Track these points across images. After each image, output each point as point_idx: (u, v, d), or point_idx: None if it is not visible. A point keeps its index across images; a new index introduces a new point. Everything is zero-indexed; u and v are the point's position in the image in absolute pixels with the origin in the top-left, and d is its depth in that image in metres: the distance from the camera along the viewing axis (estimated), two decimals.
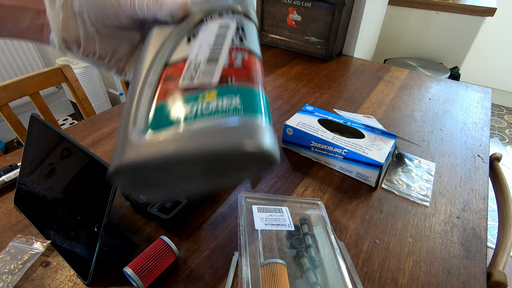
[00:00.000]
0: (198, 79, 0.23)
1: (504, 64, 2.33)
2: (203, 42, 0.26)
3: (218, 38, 0.26)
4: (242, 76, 0.23)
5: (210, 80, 0.22)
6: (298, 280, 0.38)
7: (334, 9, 0.95)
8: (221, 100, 0.21)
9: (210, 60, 0.24)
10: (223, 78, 0.23)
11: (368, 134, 0.57)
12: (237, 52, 0.25)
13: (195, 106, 0.21)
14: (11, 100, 0.76)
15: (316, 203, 0.49)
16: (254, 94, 0.23)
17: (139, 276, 0.35)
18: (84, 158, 0.39)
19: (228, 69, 0.23)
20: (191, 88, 0.22)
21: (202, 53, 0.25)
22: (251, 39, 0.27)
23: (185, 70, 0.24)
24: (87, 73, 1.77)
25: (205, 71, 0.23)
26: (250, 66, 0.25)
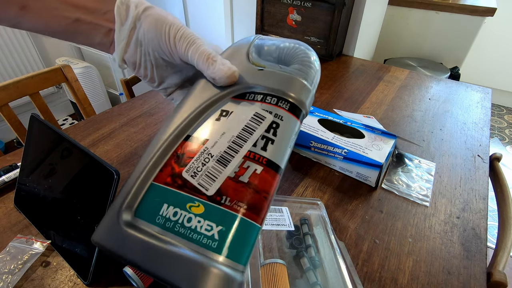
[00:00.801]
0: (199, 179, 0.23)
1: (504, 64, 2.33)
2: (228, 129, 0.24)
3: (243, 132, 0.24)
4: (240, 199, 0.22)
5: (207, 188, 0.22)
6: (298, 280, 0.38)
7: (334, 9, 0.95)
8: (202, 222, 0.21)
9: (221, 160, 0.23)
10: (218, 193, 0.22)
11: (368, 134, 0.57)
12: (252, 162, 0.23)
13: (178, 214, 0.22)
14: (11, 100, 0.76)
15: (316, 203, 0.49)
16: (239, 228, 0.21)
17: (139, 276, 0.35)
18: (84, 158, 0.39)
19: (230, 182, 0.22)
20: (188, 186, 0.23)
21: (219, 145, 0.24)
22: (280, 145, 0.24)
23: (196, 158, 0.24)
24: (87, 73, 1.77)
25: (209, 172, 0.23)
26: (257, 186, 0.22)
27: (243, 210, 0.21)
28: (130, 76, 0.97)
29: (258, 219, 0.22)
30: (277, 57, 0.28)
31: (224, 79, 0.26)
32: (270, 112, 0.25)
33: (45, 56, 1.85)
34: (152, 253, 0.20)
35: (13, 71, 1.69)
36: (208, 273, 0.19)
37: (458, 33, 1.73)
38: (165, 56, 0.29)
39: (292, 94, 0.25)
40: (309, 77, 0.27)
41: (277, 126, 0.24)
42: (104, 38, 0.29)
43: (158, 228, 0.21)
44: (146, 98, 0.81)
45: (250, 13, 1.31)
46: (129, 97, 0.96)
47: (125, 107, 0.77)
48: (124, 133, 0.67)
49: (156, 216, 0.22)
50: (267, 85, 0.26)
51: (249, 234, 0.21)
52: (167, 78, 0.31)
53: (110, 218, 0.23)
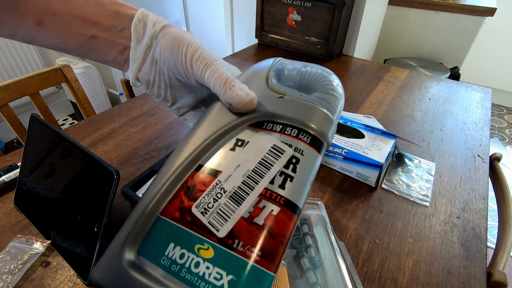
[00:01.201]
0: (209, 217, 0.21)
1: (504, 64, 2.33)
2: (244, 162, 0.23)
3: (260, 166, 0.22)
4: (253, 244, 0.20)
5: (218, 229, 0.20)
6: (298, 280, 0.38)
7: (334, 9, 0.95)
8: (211, 269, 0.19)
9: (234, 198, 0.21)
10: (230, 235, 0.20)
11: (368, 134, 0.57)
12: (268, 201, 0.21)
13: (185, 257, 0.20)
14: (11, 100, 0.76)
15: (316, 203, 0.49)
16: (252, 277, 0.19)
17: None
18: (84, 158, 0.39)
19: (244, 224, 0.20)
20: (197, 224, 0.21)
21: (233, 179, 0.22)
22: (299, 182, 0.22)
23: (207, 192, 0.22)
24: (87, 73, 1.77)
25: (221, 210, 0.21)
26: (273, 229, 0.20)
27: (257, 258, 0.19)
28: None
29: (272, 267, 0.20)
30: (298, 83, 0.26)
31: (242, 105, 0.25)
32: (290, 145, 0.23)
33: (45, 56, 1.85)
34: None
35: (13, 71, 1.69)
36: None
37: (458, 33, 1.73)
38: (180, 77, 0.28)
39: (314, 126, 0.23)
40: (332, 107, 0.25)
41: (297, 161, 0.22)
42: (119, 56, 0.28)
43: (162, 271, 0.20)
44: (146, 98, 0.81)
45: (250, 13, 1.31)
46: (129, 97, 0.96)
47: (125, 107, 0.77)
48: (124, 133, 0.67)
49: (161, 257, 0.20)
50: (287, 115, 0.24)
51: (262, 284, 0.19)
52: (180, 98, 0.31)
53: (112, 255, 0.21)
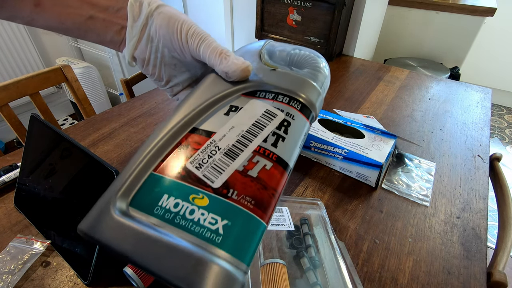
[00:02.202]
0: (204, 171, 0.21)
1: (504, 64, 2.33)
2: (238, 124, 0.23)
3: (253, 128, 0.23)
4: (248, 193, 0.20)
5: (213, 181, 0.21)
6: (298, 280, 0.38)
7: (334, 9, 0.95)
8: (206, 215, 0.19)
9: (229, 153, 0.22)
10: (225, 186, 0.20)
11: (368, 134, 0.57)
12: (262, 157, 0.22)
13: (179, 206, 0.20)
14: (11, 100, 0.76)
15: (316, 203, 0.49)
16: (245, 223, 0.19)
17: (139, 276, 0.35)
18: (84, 158, 0.39)
19: (238, 176, 0.21)
20: (192, 177, 0.21)
21: (227, 138, 0.23)
22: (290, 143, 0.23)
23: (202, 149, 0.22)
24: (87, 73, 1.77)
25: (216, 165, 0.21)
26: (266, 181, 0.21)
27: (251, 206, 0.20)
28: (130, 76, 0.97)
29: (265, 217, 0.21)
30: (288, 62, 0.28)
31: (238, 72, 0.26)
32: (281, 110, 0.24)
33: (45, 56, 1.85)
34: (147, 245, 0.18)
35: (13, 71, 1.69)
36: (209, 269, 0.17)
37: (458, 33, 1.73)
38: (176, 53, 0.29)
39: (304, 95, 0.25)
40: (319, 81, 0.27)
41: (288, 124, 0.24)
42: (116, 36, 0.29)
43: (156, 219, 0.20)
44: (146, 98, 0.81)
45: (250, 13, 1.31)
46: (129, 97, 0.96)
47: (125, 107, 0.77)
48: (124, 133, 0.67)
49: (154, 207, 0.20)
50: (279, 85, 0.25)
51: (255, 232, 0.20)
52: (174, 77, 0.31)
53: (101, 206, 0.21)
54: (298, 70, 0.27)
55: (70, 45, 1.93)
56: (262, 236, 0.20)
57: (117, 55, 1.77)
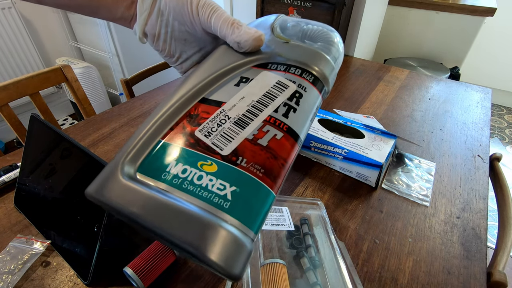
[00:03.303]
0: (213, 138, 0.21)
1: (504, 64, 2.33)
2: (248, 94, 0.23)
3: (264, 98, 0.23)
4: (257, 161, 0.20)
5: (222, 148, 0.21)
6: (298, 280, 0.38)
7: (334, 9, 0.95)
8: (214, 181, 0.19)
9: (239, 122, 0.22)
10: (235, 153, 0.20)
11: (368, 134, 0.57)
12: (272, 127, 0.21)
13: (187, 172, 0.20)
14: (11, 100, 0.76)
15: (316, 203, 0.49)
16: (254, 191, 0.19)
17: (139, 276, 0.35)
18: (84, 158, 0.39)
19: (248, 144, 0.21)
20: (201, 144, 0.21)
21: (238, 108, 0.22)
22: (301, 115, 0.23)
23: (211, 118, 0.22)
24: (87, 73, 1.77)
25: (225, 133, 0.21)
26: (276, 151, 0.21)
27: (260, 174, 0.20)
28: (130, 76, 0.97)
29: (274, 187, 0.20)
30: (301, 36, 0.28)
31: (250, 41, 0.25)
32: (293, 81, 0.24)
33: (45, 56, 1.85)
34: (155, 208, 0.18)
35: (13, 71, 1.69)
36: (217, 234, 0.17)
37: (458, 33, 1.73)
38: (186, 26, 0.29)
39: (317, 68, 0.25)
40: (333, 55, 0.26)
41: (300, 96, 0.23)
42: (126, 12, 0.29)
43: (163, 184, 0.19)
44: (146, 98, 0.81)
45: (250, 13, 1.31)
46: (129, 97, 0.96)
47: (125, 107, 0.77)
48: (124, 133, 0.67)
49: (162, 173, 0.20)
50: (291, 57, 0.25)
51: (263, 200, 0.19)
52: (184, 53, 0.31)
53: (109, 171, 0.21)
54: (311, 43, 0.27)
55: (70, 45, 1.93)
56: (271, 206, 0.20)
57: (117, 55, 1.77)
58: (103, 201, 0.20)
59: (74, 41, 1.93)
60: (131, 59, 1.82)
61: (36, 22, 1.76)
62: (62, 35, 1.89)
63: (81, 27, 1.84)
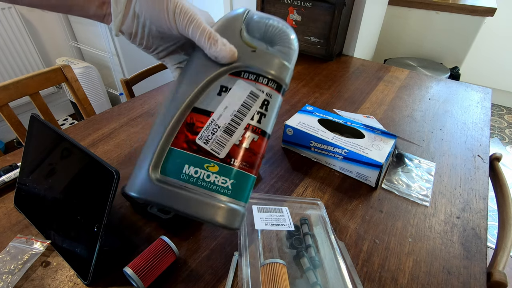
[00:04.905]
0: (211, 145, 0.29)
1: (504, 64, 2.33)
2: (229, 104, 0.30)
3: (242, 108, 0.30)
4: (243, 159, 0.29)
5: (219, 153, 0.29)
6: (298, 280, 0.38)
7: (334, 9, 0.95)
8: (219, 178, 0.29)
9: (227, 131, 0.29)
10: (228, 156, 0.29)
11: (368, 134, 0.57)
12: (251, 132, 0.30)
13: (198, 172, 0.28)
14: (11, 100, 0.76)
15: (316, 203, 0.49)
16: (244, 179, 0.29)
17: (139, 276, 0.35)
18: (84, 158, 0.39)
19: (236, 148, 0.29)
20: (203, 150, 0.29)
21: (224, 117, 0.29)
22: (269, 118, 0.31)
23: (205, 128, 0.29)
24: (87, 73, 1.77)
25: (219, 140, 0.29)
26: (254, 149, 0.30)
27: (246, 168, 0.30)
28: (130, 76, 0.97)
29: (253, 172, 0.30)
30: (263, 34, 0.32)
31: (227, 58, 0.29)
32: (262, 91, 0.30)
33: (45, 56, 1.85)
34: (182, 198, 0.27)
35: (13, 71, 1.69)
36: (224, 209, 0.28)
37: (458, 33, 1.73)
38: (163, 30, 0.30)
39: (279, 76, 0.31)
40: (290, 58, 0.32)
41: (268, 103, 0.31)
42: (98, 10, 0.30)
43: (184, 183, 0.28)
44: (146, 98, 0.81)
45: None
46: (129, 97, 0.96)
47: (125, 107, 0.77)
48: (124, 133, 0.67)
49: (180, 174, 0.28)
50: (259, 66, 0.30)
51: (248, 182, 0.30)
52: (161, 46, 0.33)
53: (140, 175, 0.28)
54: (272, 49, 0.32)
55: (70, 45, 1.93)
56: (254, 183, 0.31)
57: (117, 55, 1.77)
58: (144, 199, 0.28)
59: (74, 41, 1.93)
60: (131, 59, 1.82)
61: (36, 22, 1.76)
62: (62, 35, 1.89)
63: (81, 27, 1.84)
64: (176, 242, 0.43)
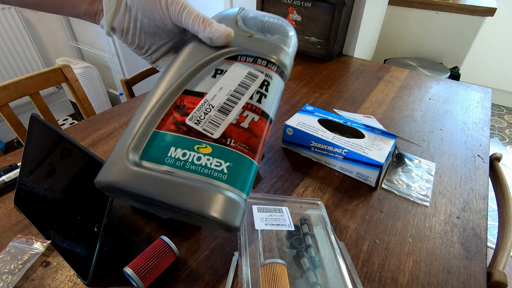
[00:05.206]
0: (203, 125, 0.25)
1: (504, 64, 2.33)
2: (225, 85, 0.27)
3: (240, 87, 0.27)
4: (242, 141, 0.25)
5: (212, 133, 0.25)
6: (298, 280, 0.38)
7: (334, 9, 0.95)
8: (212, 160, 0.24)
9: (222, 110, 0.26)
10: (223, 136, 0.25)
11: (368, 134, 0.57)
12: (250, 112, 0.26)
13: (187, 155, 0.24)
14: (11, 100, 0.76)
15: (316, 203, 0.49)
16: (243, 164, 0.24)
17: (139, 276, 0.35)
18: (84, 158, 0.39)
19: (233, 128, 0.25)
20: (193, 131, 0.25)
21: (218, 97, 0.26)
22: (270, 99, 0.27)
23: (197, 108, 0.26)
24: (87, 73, 1.77)
25: (212, 120, 0.25)
26: (255, 131, 0.26)
27: (246, 150, 0.25)
28: (130, 76, 0.97)
29: (256, 158, 0.26)
30: (260, 28, 0.31)
31: (222, 38, 0.28)
32: (261, 72, 0.28)
33: (45, 56, 1.85)
34: (166, 186, 0.22)
35: (13, 71, 1.69)
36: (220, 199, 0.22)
37: (458, 33, 1.73)
38: (156, 21, 0.29)
39: (279, 58, 0.29)
40: (289, 46, 0.30)
41: (268, 84, 0.28)
42: (90, 7, 0.29)
43: (168, 167, 0.23)
44: None
45: None
46: (129, 97, 0.96)
47: (125, 107, 0.77)
48: None
49: (165, 158, 0.23)
50: (257, 50, 0.29)
51: (250, 170, 0.25)
52: (153, 45, 0.32)
53: (115, 160, 0.23)
54: (270, 36, 0.30)
55: (70, 45, 1.93)
56: (256, 172, 0.26)
57: (117, 55, 1.77)
58: (116, 187, 0.22)
59: (74, 41, 1.93)
60: (131, 59, 1.82)
61: (36, 22, 1.76)
62: (62, 35, 1.89)
63: (81, 27, 1.84)
64: (176, 242, 0.43)
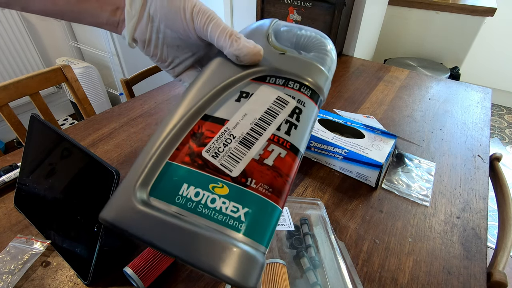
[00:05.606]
0: (221, 159, 0.21)
1: (504, 64, 2.33)
2: (250, 111, 0.23)
3: (266, 115, 0.23)
4: (265, 181, 0.21)
5: (231, 170, 0.21)
6: (298, 280, 0.38)
7: (334, 9, 0.95)
8: (228, 204, 0.20)
9: (244, 142, 0.22)
10: (243, 174, 0.21)
11: (368, 134, 0.57)
12: (276, 145, 0.22)
13: (200, 195, 0.20)
14: (11, 100, 0.76)
15: (316, 203, 0.49)
16: (264, 211, 0.20)
17: (139, 276, 0.35)
18: (84, 158, 0.39)
19: (255, 165, 0.21)
20: (210, 166, 0.21)
21: (241, 126, 0.23)
22: (302, 131, 0.24)
23: (216, 138, 0.22)
24: (87, 73, 1.77)
25: (232, 154, 0.22)
26: (281, 169, 0.22)
27: (269, 193, 0.21)
28: (130, 76, 0.97)
29: (280, 202, 0.21)
30: (294, 44, 0.28)
31: (250, 56, 0.25)
32: (293, 97, 0.24)
33: (45, 56, 1.85)
34: (173, 233, 0.19)
35: (13, 71, 1.69)
36: (234, 253, 0.18)
37: (458, 33, 1.73)
38: (179, 33, 0.28)
39: (313, 81, 0.25)
40: (327, 65, 0.27)
41: (300, 111, 0.24)
42: (112, 17, 0.28)
43: (178, 208, 0.20)
44: (146, 98, 0.81)
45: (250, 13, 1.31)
46: (129, 97, 0.96)
47: (125, 107, 0.77)
48: (124, 133, 0.67)
49: (175, 196, 0.20)
50: (289, 70, 0.25)
51: (272, 217, 0.21)
52: (177, 58, 0.30)
53: (122, 196, 0.21)
54: (306, 54, 0.27)
55: (70, 45, 1.93)
56: (279, 219, 0.21)
57: (117, 55, 1.77)
58: (120, 227, 0.20)
59: (74, 41, 1.93)
60: (131, 59, 1.82)
61: (36, 22, 1.76)
62: (62, 35, 1.89)
63: (81, 27, 1.84)
64: None
